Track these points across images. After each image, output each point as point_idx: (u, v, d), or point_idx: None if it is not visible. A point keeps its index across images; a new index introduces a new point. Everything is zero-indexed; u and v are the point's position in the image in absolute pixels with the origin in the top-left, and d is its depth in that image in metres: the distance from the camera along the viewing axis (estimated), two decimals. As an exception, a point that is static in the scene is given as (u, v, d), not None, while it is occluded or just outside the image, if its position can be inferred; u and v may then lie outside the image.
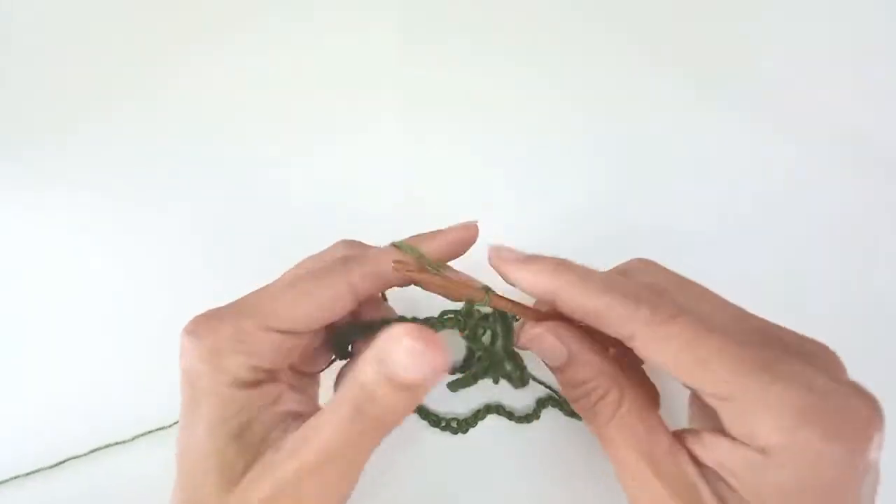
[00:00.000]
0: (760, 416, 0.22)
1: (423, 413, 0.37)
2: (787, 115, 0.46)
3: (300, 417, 0.25)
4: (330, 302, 0.26)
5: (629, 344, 0.25)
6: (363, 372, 0.23)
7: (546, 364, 0.28)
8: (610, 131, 0.46)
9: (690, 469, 0.24)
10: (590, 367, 0.26)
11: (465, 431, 0.37)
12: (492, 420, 0.38)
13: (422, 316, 0.37)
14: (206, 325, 0.25)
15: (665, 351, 0.24)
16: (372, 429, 0.24)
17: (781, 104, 0.46)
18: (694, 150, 0.45)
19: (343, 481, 0.24)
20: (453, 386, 0.32)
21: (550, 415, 0.37)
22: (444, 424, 0.37)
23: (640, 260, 0.30)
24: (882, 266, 0.42)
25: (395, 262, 0.27)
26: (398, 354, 0.22)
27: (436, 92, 0.46)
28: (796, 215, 0.43)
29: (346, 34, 0.48)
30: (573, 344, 0.27)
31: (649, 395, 0.30)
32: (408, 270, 0.27)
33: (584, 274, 0.26)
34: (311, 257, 0.29)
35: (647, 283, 0.27)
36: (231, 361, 0.25)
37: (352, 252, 0.29)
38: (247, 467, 0.24)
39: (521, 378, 0.30)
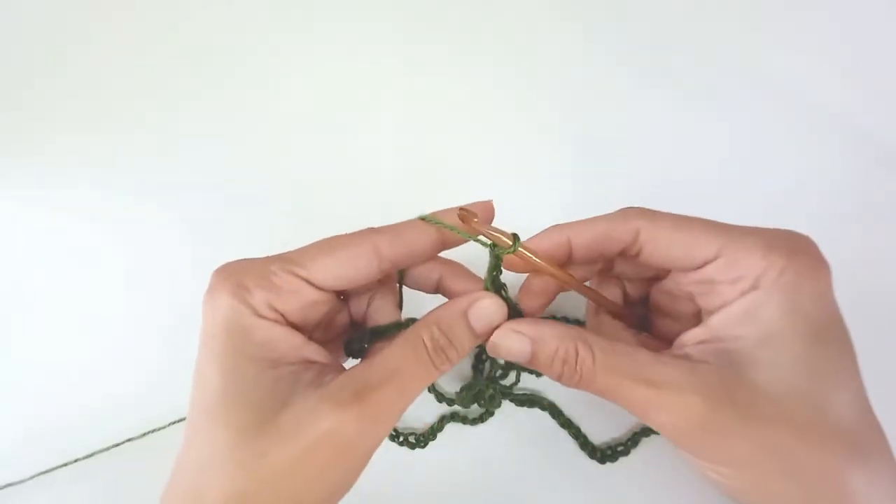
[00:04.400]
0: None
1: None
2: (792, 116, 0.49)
3: (327, 369, 0.27)
4: (354, 259, 0.28)
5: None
6: (444, 316, 0.28)
7: (520, 364, 0.29)
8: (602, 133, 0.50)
9: (681, 356, 0.27)
10: (552, 337, 0.28)
11: (423, 446, 0.40)
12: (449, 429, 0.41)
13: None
14: (235, 265, 0.27)
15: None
16: (443, 365, 0.27)
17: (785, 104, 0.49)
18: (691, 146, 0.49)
19: (390, 429, 0.28)
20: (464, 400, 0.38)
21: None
22: (402, 440, 0.40)
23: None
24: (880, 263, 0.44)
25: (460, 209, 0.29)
26: (481, 306, 0.28)
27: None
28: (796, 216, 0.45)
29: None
30: (530, 328, 0.28)
31: (617, 322, 0.33)
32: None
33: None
34: None
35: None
36: (256, 296, 0.26)
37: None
38: (283, 403, 0.24)
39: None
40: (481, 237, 0.29)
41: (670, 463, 0.39)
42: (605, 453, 0.40)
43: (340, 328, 0.33)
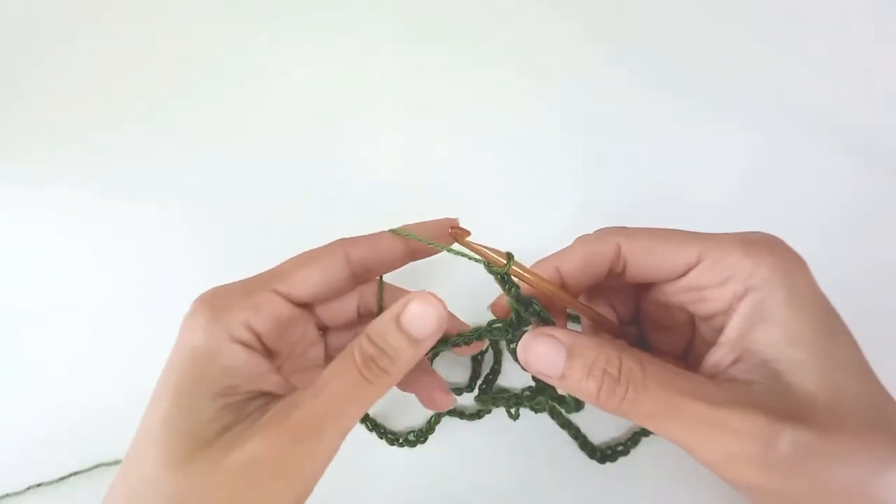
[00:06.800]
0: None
1: (381, 433, 0.41)
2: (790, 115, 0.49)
3: (278, 401, 0.26)
4: (328, 268, 0.29)
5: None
6: (375, 325, 0.26)
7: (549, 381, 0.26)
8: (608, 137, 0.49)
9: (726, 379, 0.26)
10: (591, 345, 0.25)
11: (423, 441, 0.40)
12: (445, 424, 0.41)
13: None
14: (216, 291, 0.28)
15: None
16: (377, 377, 0.25)
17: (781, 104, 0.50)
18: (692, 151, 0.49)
19: (329, 449, 0.25)
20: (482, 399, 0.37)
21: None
22: (401, 440, 0.41)
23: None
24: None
25: (451, 227, 0.30)
26: (411, 310, 0.25)
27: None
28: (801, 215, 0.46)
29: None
30: (565, 334, 0.26)
31: (620, 341, 0.32)
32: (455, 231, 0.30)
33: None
34: None
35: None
36: (234, 317, 0.27)
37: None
38: (223, 430, 0.25)
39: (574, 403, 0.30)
40: (475, 254, 0.28)
41: (670, 462, 0.39)
42: (604, 453, 0.40)
43: (315, 360, 0.34)
